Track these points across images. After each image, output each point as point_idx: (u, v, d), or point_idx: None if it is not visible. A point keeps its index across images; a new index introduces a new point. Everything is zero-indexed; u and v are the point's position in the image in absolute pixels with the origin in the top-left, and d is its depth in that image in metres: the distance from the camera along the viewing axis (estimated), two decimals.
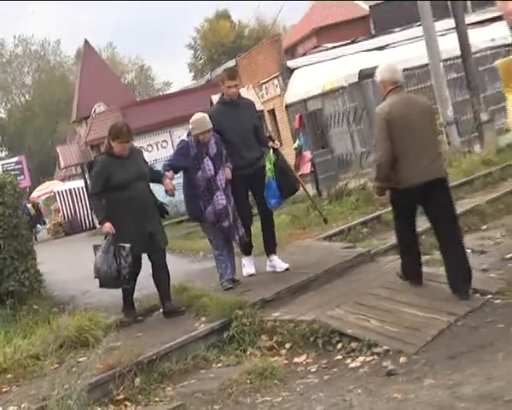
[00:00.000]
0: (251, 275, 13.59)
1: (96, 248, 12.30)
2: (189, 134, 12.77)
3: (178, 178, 12.62)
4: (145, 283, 15.64)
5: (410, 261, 11.68)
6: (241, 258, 13.98)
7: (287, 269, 13.52)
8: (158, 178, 12.87)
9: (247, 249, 13.72)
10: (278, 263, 13.41)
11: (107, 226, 11.84)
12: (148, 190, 12.56)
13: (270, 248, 13.56)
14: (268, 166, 13.05)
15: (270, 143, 13.32)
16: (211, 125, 12.29)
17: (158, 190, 12.67)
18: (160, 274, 12.57)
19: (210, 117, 12.53)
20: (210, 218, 12.45)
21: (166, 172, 12.68)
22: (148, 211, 12.27)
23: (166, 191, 12.67)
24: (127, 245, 11.64)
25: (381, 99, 11.33)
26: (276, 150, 13.24)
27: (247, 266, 13.68)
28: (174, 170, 12.75)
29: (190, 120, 12.75)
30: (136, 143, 42.25)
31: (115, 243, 11.70)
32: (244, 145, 12.86)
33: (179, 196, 12.67)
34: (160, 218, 12.87)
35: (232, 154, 12.73)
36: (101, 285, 12.61)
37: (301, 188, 14.19)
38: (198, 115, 12.62)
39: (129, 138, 12.16)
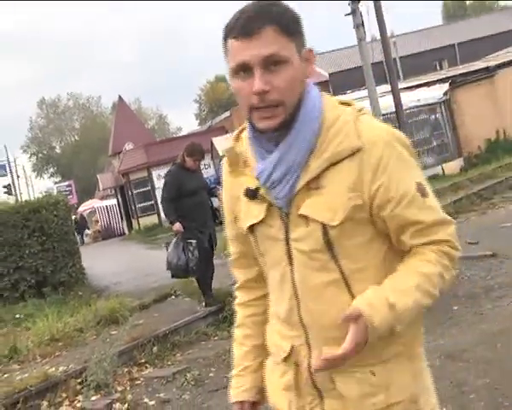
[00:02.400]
0: None
1: (167, 245, 11.91)
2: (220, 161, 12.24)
3: None
4: (159, 275, 15.67)
5: None
6: None
7: None
8: (211, 191, 12.59)
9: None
10: None
11: (177, 226, 11.38)
12: (208, 198, 12.20)
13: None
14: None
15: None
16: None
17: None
18: (208, 269, 11.87)
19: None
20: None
21: (218, 186, 12.16)
22: (209, 214, 11.95)
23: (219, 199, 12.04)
24: (194, 241, 11.22)
25: None
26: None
27: None
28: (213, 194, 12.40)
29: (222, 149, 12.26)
30: (155, 172, 42.43)
31: (184, 240, 11.28)
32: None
33: None
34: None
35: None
36: (173, 276, 12.15)
37: None
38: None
39: (201, 158, 11.85)
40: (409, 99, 27.76)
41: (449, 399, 6.35)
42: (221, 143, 38.97)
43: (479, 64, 33.01)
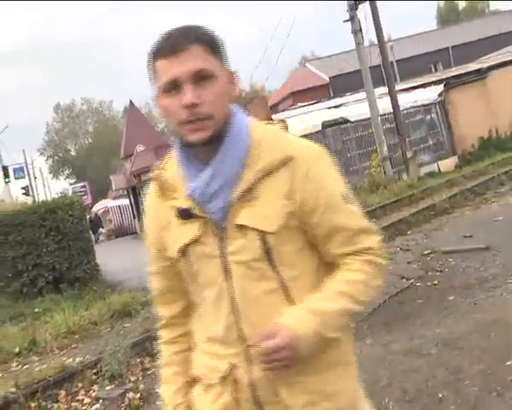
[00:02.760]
0: None
1: None
2: None
3: None
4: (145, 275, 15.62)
5: None
6: None
7: None
8: None
9: None
10: None
11: None
12: None
13: None
14: None
15: None
16: None
17: None
18: None
19: None
20: None
21: None
22: None
23: None
24: None
25: None
26: None
27: None
28: None
29: None
30: None
31: None
32: None
33: None
34: None
35: None
36: None
37: None
38: None
39: None
40: (405, 100, 27.73)
41: (445, 385, 6.36)
42: None
43: (471, 66, 32.92)
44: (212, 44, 2.30)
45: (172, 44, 2.24)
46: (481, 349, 7.03)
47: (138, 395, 8.38)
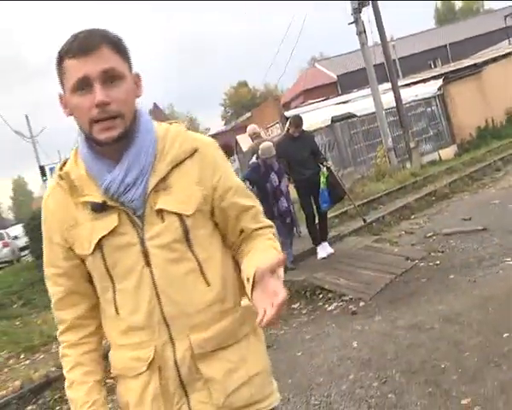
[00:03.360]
0: (324, 258, 12.16)
1: None
2: (257, 158, 12.08)
3: None
4: None
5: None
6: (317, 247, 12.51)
7: (332, 253, 12.19)
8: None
9: (316, 240, 12.44)
10: (328, 249, 12.26)
11: None
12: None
13: (323, 236, 12.40)
14: (322, 179, 12.21)
15: (324, 163, 12.34)
16: (275, 153, 11.47)
17: None
18: None
19: (282, 146, 11.92)
20: (276, 216, 11.40)
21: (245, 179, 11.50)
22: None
23: None
24: None
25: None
26: (328, 168, 12.30)
27: (321, 252, 12.28)
28: (249, 181, 11.60)
29: (260, 147, 11.88)
30: None
31: None
32: (303, 165, 11.94)
33: None
34: None
35: (297, 170, 11.96)
36: None
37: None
38: (266, 145, 11.78)
39: (229, 155, 11.23)
40: (408, 95, 27.66)
41: (447, 357, 6.36)
42: (244, 140, 38.96)
43: (468, 61, 32.84)
44: (118, 46, 2.24)
45: (81, 44, 2.16)
46: (480, 323, 7.01)
47: None
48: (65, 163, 2.39)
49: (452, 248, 11.21)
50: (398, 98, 25.01)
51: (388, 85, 25.73)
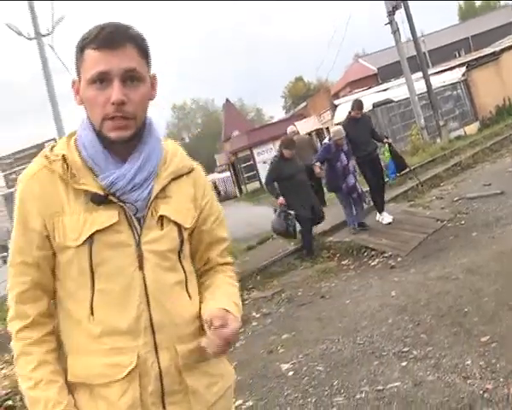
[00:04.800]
0: (389, 223, 11.55)
1: (275, 210, 11.17)
2: (329, 139, 11.58)
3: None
4: (261, 225, 15.69)
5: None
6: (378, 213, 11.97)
7: (389, 223, 11.56)
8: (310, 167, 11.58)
9: (380, 208, 11.87)
10: (386, 217, 11.69)
11: (280, 200, 10.76)
12: (306, 178, 11.36)
13: (381, 206, 11.83)
14: (386, 154, 12.18)
15: (385, 140, 12.11)
16: (344, 134, 11.06)
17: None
18: (306, 235, 11.08)
19: (346, 127, 11.32)
20: (345, 191, 11.20)
21: (316, 164, 11.53)
22: (309, 191, 11.20)
23: (316, 174, 11.57)
24: (292, 212, 10.66)
25: None
26: (389, 144, 12.12)
27: (385, 218, 11.68)
28: (320, 161, 11.52)
29: (331, 130, 11.71)
30: (255, 151, 42.54)
31: (284, 211, 10.70)
32: (365, 143, 11.41)
33: None
34: (314, 194, 11.65)
35: (359, 148, 11.37)
36: (277, 235, 11.62)
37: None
38: (337, 128, 11.42)
39: (293, 148, 11.12)
40: (436, 81, 27.22)
41: (469, 302, 6.31)
42: (301, 125, 38.96)
43: (487, 50, 31.93)
44: (144, 48, 1.93)
45: (107, 38, 1.83)
46: (497, 273, 6.91)
47: None
48: (53, 147, 1.98)
49: (475, 210, 11.02)
50: (428, 85, 24.69)
51: (420, 74, 25.34)
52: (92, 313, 1.90)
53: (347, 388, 5.17)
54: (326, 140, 12.04)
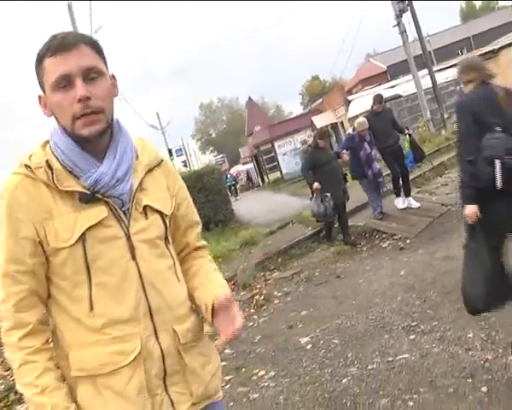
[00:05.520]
0: (404, 209, 11.35)
1: (311, 198, 10.91)
2: (353, 130, 11.42)
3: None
4: (281, 211, 15.68)
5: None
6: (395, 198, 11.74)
7: (418, 208, 11.22)
8: (337, 155, 11.23)
9: (398, 194, 11.56)
10: (413, 202, 11.40)
11: (316, 185, 10.42)
12: (339, 165, 11.05)
13: (407, 192, 11.51)
14: (406, 144, 11.80)
15: (406, 131, 11.70)
16: (367, 126, 10.84)
17: None
18: (342, 216, 10.83)
19: (368, 120, 11.02)
20: (370, 177, 10.91)
21: (343, 151, 11.29)
22: (340, 176, 10.80)
23: (344, 160, 11.23)
24: (329, 194, 10.35)
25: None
26: (409, 135, 11.75)
27: (400, 203, 11.50)
28: (346, 149, 11.25)
29: (356, 122, 11.31)
30: (276, 144, 42.38)
31: (321, 195, 10.37)
32: (387, 135, 11.08)
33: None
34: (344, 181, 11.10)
35: (382, 140, 11.06)
36: (317, 220, 11.14)
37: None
38: (361, 120, 11.12)
39: (328, 138, 10.81)
40: (441, 77, 27.11)
41: None
42: (318, 120, 38.82)
43: (487, 48, 31.52)
44: (97, 47, 1.85)
45: (60, 43, 1.77)
46: None
47: (262, 296, 8.48)
48: (30, 157, 1.85)
49: None
50: (433, 81, 24.54)
51: (426, 71, 25.17)
52: (92, 309, 1.82)
53: (360, 359, 5.16)
54: (350, 131, 11.90)
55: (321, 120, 38.57)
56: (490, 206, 4.19)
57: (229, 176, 40.35)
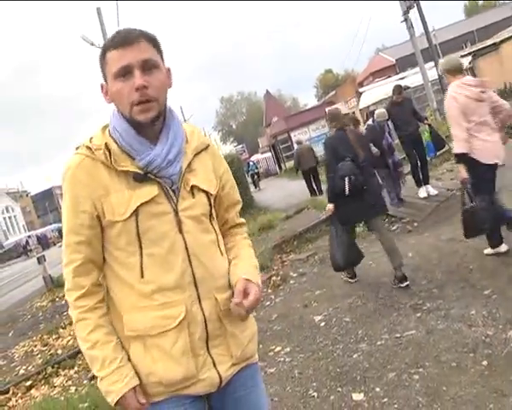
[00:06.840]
0: (425, 197, 10.80)
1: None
2: (373, 121, 11.06)
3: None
4: (297, 197, 15.61)
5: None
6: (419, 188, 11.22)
7: (436, 195, 10.74)
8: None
9: (419, 183, 11.04)
10: (431, 190, 10.98)
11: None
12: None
13: (425, 181, 11.07)
14: (426, 134, 11.59)
15: (426, 121, 11.38)
16: (387, 117, 10.65)
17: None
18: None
19: (388, 111, 10.76)
20: (391, 166, 10.62)
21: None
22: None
23: (374, 152, 10.57)
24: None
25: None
26: (429, 125, 11.38)
27: (422, 192, 10.95)
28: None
29: (376, 112, 10.99)
30: (292, 134, 42.18)
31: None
32: (407, 124, 10.70)
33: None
34: None
35: (402, 128, 10.79)
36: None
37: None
38: (380, 111, 10.85)
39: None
40: None
41: (474, 260, 6.21)
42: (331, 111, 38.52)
43: (489, 41, 31.09)
44: (155, 42, 1.93)
45: (124, 38, 1.87)
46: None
47: (279, 277, 8.47)
48: (91, 140, 1.96)
49: None
50: (439, 73, 24.26)
51: (432, 64, 24.91)
52: (142, 276, 1.91)
53: (370, 336, 5.15)
54: (370, 121, 11.72)
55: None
56: (342, 204, 6.46)
57: (251, 164, 39.72)
